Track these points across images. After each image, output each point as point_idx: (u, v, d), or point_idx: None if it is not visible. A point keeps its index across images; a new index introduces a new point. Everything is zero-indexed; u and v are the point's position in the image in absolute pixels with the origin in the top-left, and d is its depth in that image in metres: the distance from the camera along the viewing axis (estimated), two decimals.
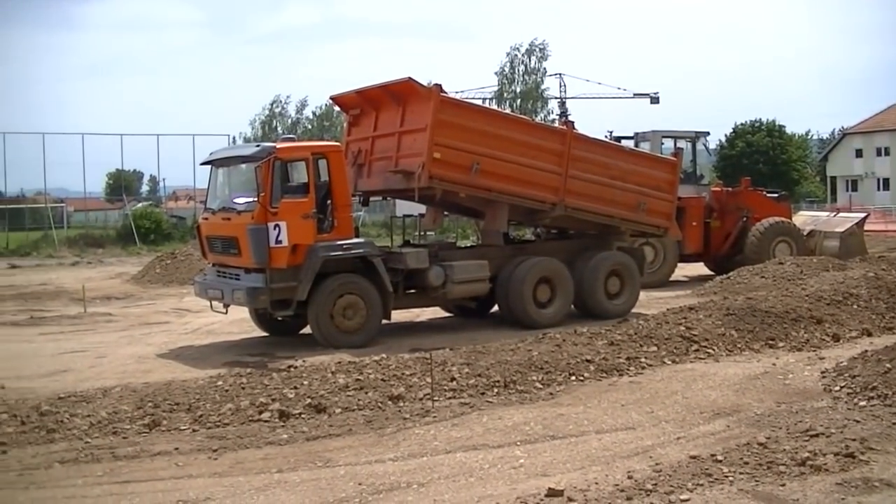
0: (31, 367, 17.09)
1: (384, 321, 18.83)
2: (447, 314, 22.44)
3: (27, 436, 11.49)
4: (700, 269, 31.65)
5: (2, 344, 20.29)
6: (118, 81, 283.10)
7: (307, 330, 18.87)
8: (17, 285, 33.87)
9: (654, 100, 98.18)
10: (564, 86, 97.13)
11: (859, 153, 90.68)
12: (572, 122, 22.30)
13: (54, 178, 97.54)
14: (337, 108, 75.60)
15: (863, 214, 36.85)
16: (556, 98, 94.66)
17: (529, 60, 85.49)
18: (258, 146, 18.66)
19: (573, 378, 13.95)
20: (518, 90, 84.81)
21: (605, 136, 27.33)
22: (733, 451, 9.74)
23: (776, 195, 33.55)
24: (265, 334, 20.06)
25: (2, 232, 59.49)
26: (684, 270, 31.09)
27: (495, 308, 21.48)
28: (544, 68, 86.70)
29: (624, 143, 28.32)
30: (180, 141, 73.18)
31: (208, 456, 10.55)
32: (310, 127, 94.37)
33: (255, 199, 17.55)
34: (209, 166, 19.82)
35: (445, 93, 19.57)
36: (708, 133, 33.63)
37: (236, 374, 14.38)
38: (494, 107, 70.17)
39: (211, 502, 8.98)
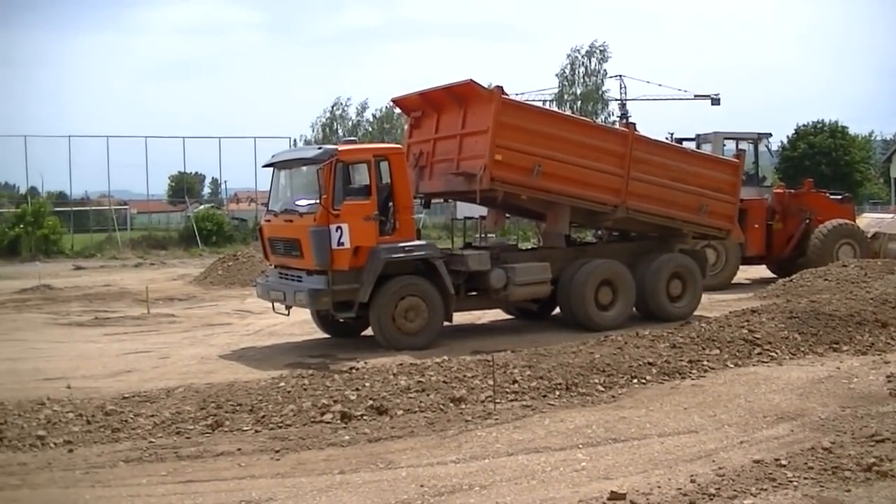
0: (97, 367, 17.32)
1: (445, 323, 18.84)
2: (508, 316, 22.44)
3: (93, 435, 11.63)
4: (762, 271, 31.40)
5: (68, 344, 20.53)
6: (181, 85, 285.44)
7: (368, 332, 18.97)
8: (82, 286, 34.22)
9: (715, 101, 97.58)
10: (625, 87, 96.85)
11: None
12: (634, 124, 22.18)
13: (118, 181, 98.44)
14: (398, 111, 75.77)
15: None
16: (617, 100, 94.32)
17: (590, 62, 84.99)
18: (320, 148, 18.75)
19: (635, 381, 13.88)
20: (578, 92, 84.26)
21: (666, 138, 27.16)
22: (797, 455, 9.66)
23: (839, 197, 33.08)
24: (327, 336, 20.15)
25: (67, 234, 59.99)
26: (746, 273, 30.89)
27: (557, 310, 21.42)
28: (605, 70, 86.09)
29: (685, 144, 28.17)
30: (242, 143, 73.28)
31: (270, 457, 10.59)
32: (370, 129, 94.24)
33: (318, 201, 17.63)
34: (271, 168, 19.94)
35: (507, 95, 19.55)
36: (770, 134, 33.51)
37: (298, 376, 14.43)
38: (555, 109, 69.92)
39: (273, 503, 9.01)
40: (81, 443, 11.33)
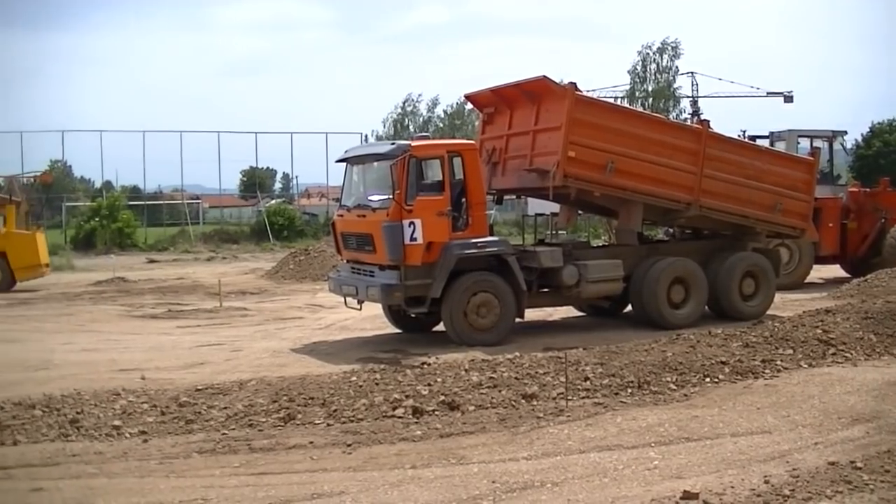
0: (170, 359, 17.52)
1: (517, 320, 18.82)
2: (580, 313, 22.39)
3: (167, 426, 11.76)
4: (836, 271, 31.02)
5: (142, 336, 20.79)
6: (253, 81, 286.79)
7: (440, 327, 18.97)
8: (155, 279, 34.67)
9: (788, 98, 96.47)
10: (696, 84, 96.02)
11: None
12: (707, 121, 22.04)
13: (191, 175, 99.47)
14: (469, 107, 75.82)
15: None
16: (688, 97, 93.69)
17: (661, 59, 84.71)
18: (393, 144, 18.84)
19: (707, 380, 13.79)
20: (650, 89, 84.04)
21: (739, 135, 26.93)
22: (873, 458, 9.57)
23: None
24: (398, 331, 20.23)
25: (140, 227, 60.62)
26: (820, 273, 30.57)
27: (628, 308, 21.35)
28: (676, 67, 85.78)
29: (758, 142, 27.95)
30: (313, 139, 74.40)
31: (342, 450, 10.61)
32: (441, 125, 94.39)
33: (391, 196, 17.69)
34: (344, 164, 20.01)
35: (580, 91, 19.51)
36: (845, 132, 33.21)
37: (370, 370, 14.49)
38: (627, 105, 69.68)
39: (345, 496, 9.02)
40: (156, 433, 11.46)
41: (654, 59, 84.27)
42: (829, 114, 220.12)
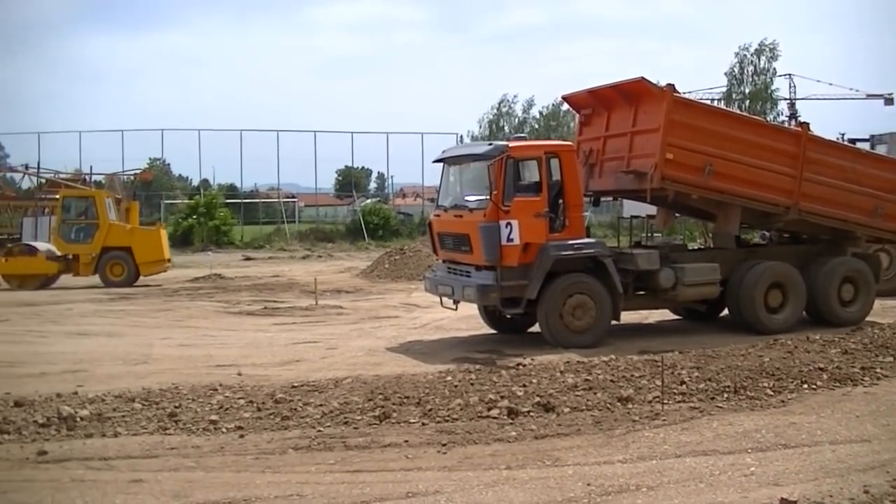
0: (266, 355, 17.73)
1: (613, 322, 18.75)
2: (676, 317, 22.24)
3: (263, 422, 11.89)
4: None
5: (238, 332, 21.07)
6: (349, 81, 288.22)
7: (535, 328, 18.95)
8: (251, 276, 35.11)
9: (889, 101, 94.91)
10: (794, 86, 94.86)
11: None
12: (807, 123, 21.73)
13: (287, 174, 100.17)
14: (564, 108, 75.69)
15: None
16: (786, 99, 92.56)
17: (759, 60, 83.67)
18: (491, 144, 18.84)
19: (805, 386, 13.62)
20: (747, 91, 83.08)
21: (838, 138, 26.64)
22: None
23: None
24: (493, 332, 20.26)
25: (237, 225, 61.31)
26: None
27: (724, 312, 21.15)
28: (774, 68, 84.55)
29: (859, 145, 27.56)
30: (408, 139, 74.49)
31: (437, 450, 10.64)
32: (536, 126, 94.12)
33: (488, 197, 17.71)
34: (441, 164, 20.07)
35: (678, 93, 19.39)
36: None
37: (465, 370, 14.58)
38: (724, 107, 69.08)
39: (440, 496, 9.03)
40: (252, 429, 11.60)
41: (752, 61, 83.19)
42: None
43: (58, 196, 38.10)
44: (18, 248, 35.47)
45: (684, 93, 20.43)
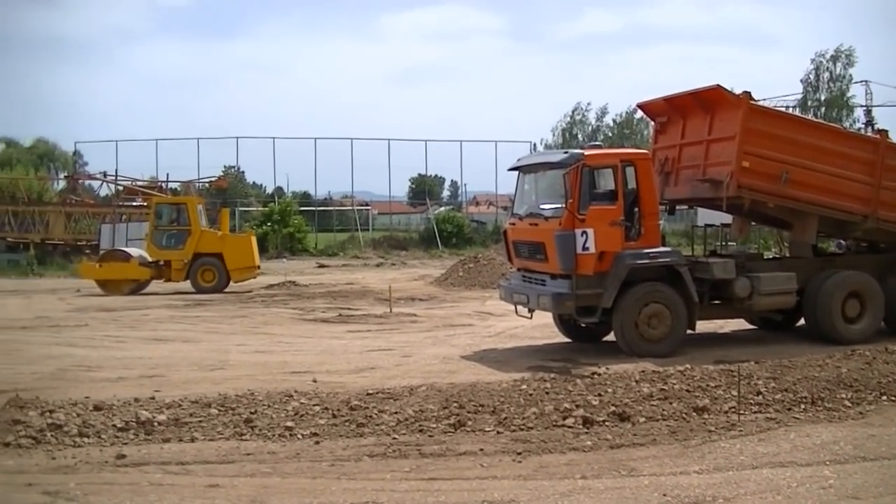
0: (341, 362, 17.82)
1: (688, 331, 18.65)
2: (751, 326, 22.01)
3: (338, 428, 11.97)
4: None
5: (313, 339, 21.19)
6: (422, 89, 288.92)
7: (610, 337, 18.91)
8: (326, 284, 35.30)
9: None
10: (870, 93, 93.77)
11: None
12: (885, 131, 21.47)
13: (360, 182, 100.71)
14: (638, 116, 75.36)
15: None
16: (862, 106, 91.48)
17: (835, 67, 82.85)
18: (566, 153, 18.80)
19: (884, 398, 13.45)
20: (822, 98, 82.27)
21: None
22: None
23: None
24: (568, 340, 20.22)
25: (311, 232, 61.67)
26: None
27: (801, 322, 20.93)
28: (850, 75, 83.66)
29: None
30: (481, 147, 74.52)
31: (512, 458, 10.65)
32: (610, 134, 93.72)
33: (563, 205, 17.68)
34: (516, 172, 20.08)
35: (755, 100, 19.25)
36: None
37: (540, 379, 14.54)
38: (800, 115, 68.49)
39: None
40: (327, 436, 11.68)
41: (828, 68, 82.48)
42: None
43: (136, 203, 38.63)
44: (112, 254, 36.13)
45: (759, 100, 20.26)
